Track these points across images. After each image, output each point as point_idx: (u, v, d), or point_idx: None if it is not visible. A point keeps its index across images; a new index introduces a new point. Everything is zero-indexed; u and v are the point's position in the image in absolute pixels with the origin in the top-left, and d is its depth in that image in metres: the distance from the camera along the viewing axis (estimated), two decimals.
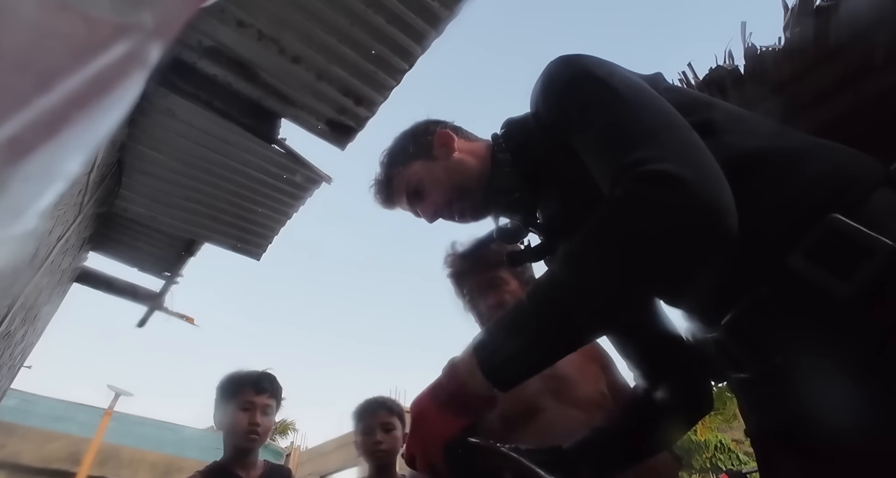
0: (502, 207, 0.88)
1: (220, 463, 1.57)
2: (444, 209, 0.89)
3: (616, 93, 0.64)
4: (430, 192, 0.89)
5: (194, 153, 2.63)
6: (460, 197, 0.87)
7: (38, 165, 0.15)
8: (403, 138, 0.96)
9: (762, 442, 0.64)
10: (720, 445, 12.17)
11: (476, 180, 0.87)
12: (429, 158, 0.90)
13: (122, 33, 0.16)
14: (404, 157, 0.93)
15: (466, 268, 1.32)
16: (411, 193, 0.92)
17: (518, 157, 0.83)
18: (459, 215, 0.89)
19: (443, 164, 0.89)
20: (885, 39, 1.32)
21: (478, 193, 0.86)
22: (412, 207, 0.94)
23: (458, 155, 0.89)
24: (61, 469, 8.86)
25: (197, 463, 1.64)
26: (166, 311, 3.86)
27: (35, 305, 2.91)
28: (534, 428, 1.11)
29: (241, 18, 2.04)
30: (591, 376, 1.21)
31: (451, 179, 0.87)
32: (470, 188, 0.87)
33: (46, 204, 0.16)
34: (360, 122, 2.49)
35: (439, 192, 0.88)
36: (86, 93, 0.16)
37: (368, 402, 1.77)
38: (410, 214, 0.98)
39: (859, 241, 0.48)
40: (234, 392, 1.60)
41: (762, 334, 0.54)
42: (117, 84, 0.17)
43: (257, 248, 3.36)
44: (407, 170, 0.92)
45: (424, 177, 0.89)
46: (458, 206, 0.88)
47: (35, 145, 0.15)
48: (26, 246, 1.57)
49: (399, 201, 0.96)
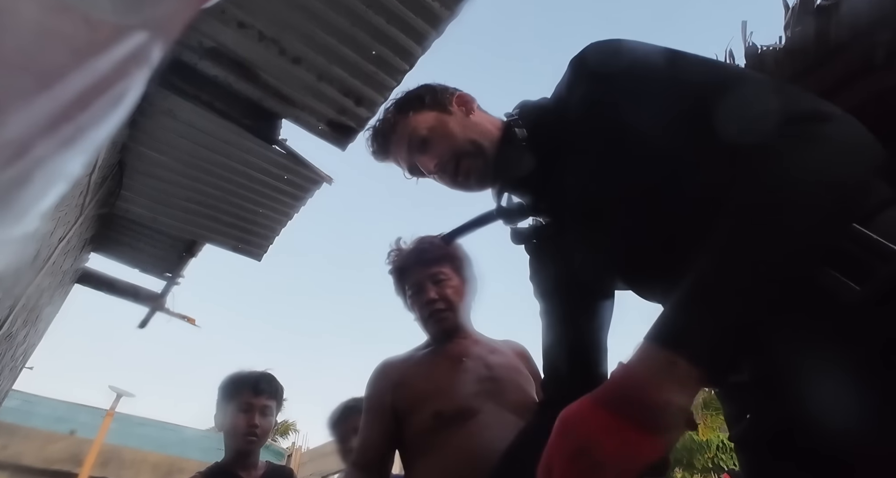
0: (511, 183, 0.82)
1: (221, 464, 1.58)
2: (449, 164, 0.81)
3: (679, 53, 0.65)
4: (437, 143, 0.82)
5: (195, 154, 2.63)
6: (472, 154, 0.80)
7: (39, 167, 0.15)
8: (419, 88, 0.89)
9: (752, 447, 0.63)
10: (722, 445, 12.15)
11: (491, 143, 0.80)
12: (445, 111, 0.84)
13: (124, 35, 0.16)
14: (417, 104, 0.86)
15: (410, 263, 1.31)
16: (415, 142, 0.83)
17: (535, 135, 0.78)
18: (464, 175, 0.81)
19: (459, 119, 0.83)
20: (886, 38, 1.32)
21: (490, 156, 0.80)
22: (409, 158, 0.85)
23: (475, 117, 0.84)
24: (63, 470, 8.86)
25: (199, 464, 1.64)
26: (168, 312, 3.86)
27: (37, 307, 2.91)
28: (468, 429, 1.11)
29: (241, 19, 2.04)
30: (524, 382, 1.21)
31: (466, 134, 0.81)
32: (484, 147, 0.80)
33: (48, 205, 0.16)
34: (360, 122, 2.49)
35: (449, 144, 0.81)
36: (87, 94, 0.16)
37: (339, 408, 1.76)
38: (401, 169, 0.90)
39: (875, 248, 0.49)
40: (233, 394, 1.60)
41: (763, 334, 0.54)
42: (118, 85, 0.17)
43: (258, 248, 3.36)
44: (417, 116, 0.84)
45: (436, 126, 0.82)
46: (467, 163, 0.81)
47: (37, 147, 0.15)
48: (28, 247, 1.57)
49: (396, 151, 0.87)
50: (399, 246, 1.36)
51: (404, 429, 1.19)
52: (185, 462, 9.19)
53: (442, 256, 1.30)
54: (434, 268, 1.28)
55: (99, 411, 10.13)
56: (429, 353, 1.30)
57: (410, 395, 1.20)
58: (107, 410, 9.05)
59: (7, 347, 2.68)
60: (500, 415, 1.11)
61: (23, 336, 2.98)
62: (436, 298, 1.26)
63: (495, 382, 1.18)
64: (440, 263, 1.29)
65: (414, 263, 1.31)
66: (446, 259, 1.30)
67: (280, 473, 1.71)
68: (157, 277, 3.74)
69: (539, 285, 0.90)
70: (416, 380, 1.23)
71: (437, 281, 1.27)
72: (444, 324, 1.27)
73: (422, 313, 1.29)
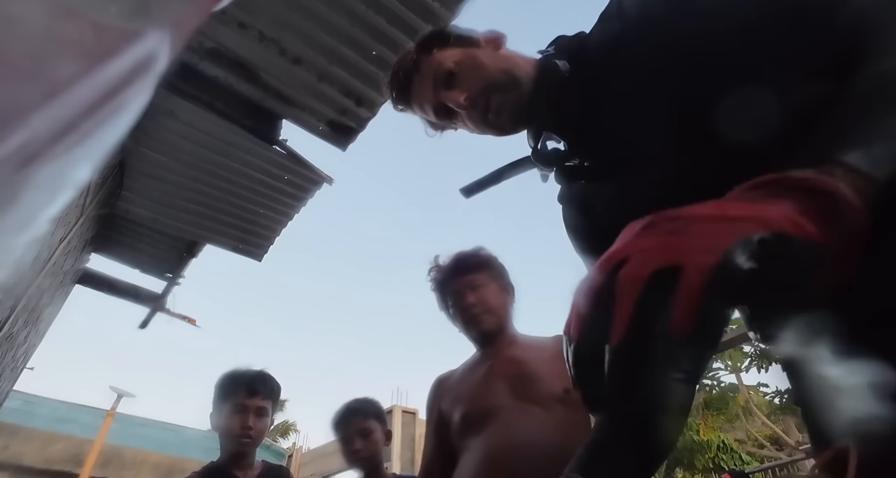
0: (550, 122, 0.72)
1: (217, 464, 1.56)
2: (480, 99, 0.72)
3: None
4: (467, 75, 0.73)
5: (195, 154, 2.63)
6: (505, 87, 0.71)
7: (46, 173, 0.15)
8: (445, 27, 0.81)
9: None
10: (723, 445, 12.15)
11: (526, 76, 0.71)
12: (472, 45, 0.76)
13: (131, 40, 0.16)
14: (441, 41, 0.77)
15: (448, 275, 1.36)
16: (441, 77, 0.74)
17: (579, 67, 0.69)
18: (495, 112, 0.72)
19: (489, 52, 0.75)
20: None
21: (525, 90, 0.71)
22: (435, 97, 0.76)
23: (507, 53, 0.76)
24: (64, 471, 8.87)
25: (199, 464, 1.63)
26: (168, 312, 3.87)
27: (37, 307, 2.92)
28: (494, 427, 1.14)
29: (242, 20, 2.04)
30: (556, 373, 1.22)
31: (499, 65, 0.72)
32: (518, 79, 0.71)
33: (55, 211, 0.16)
34: (361, 122, 2.49)
35: (479, 77, 0.72)
36: (94, 100, 0.16)
37: (343, 410, 1.76)
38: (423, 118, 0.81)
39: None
40: (227, 394, 1.57)
41: None
42: (126, 91, 0.17)
43: (259, 249, 3.36)
44: (442, 52, 0.75)
45: (464, 60, 0.73)
46: (499, 98, 0.71)
47: (44, 153, 0.15)
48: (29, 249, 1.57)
49: (419, 93, 0.78)
50: (437, 263, 1.41)
51: (451, 436, 1.25)
52: (186, 463, 9.19)
53: (478, 265, 1.35)
54: (470, 275, 1.33)
55: (100, 411, 10.14)
56: (469, 361, 1.36)
57: (449, 404, 1.28)
58: (107, 410, 9.05)
59: (8, 347, 2.69)
60: (523, 409, 1.14)
61: (24, 337, 2.99)
62: (474, 302, 1.30)
63: (521, 378, 1.20)
64: (476, 271, 1.34)
65: (451, 274, 1.36)
66: (482, 267, 1.36)
67: (277, 473, 1.70)
68: (157, 277, 3.74)
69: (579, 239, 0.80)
70: (453, 389, 1.30)
71: (475, 287, 1.32)
72: (483, 325, 1.31)
73: (462, 318, 1.33)
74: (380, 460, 1.71)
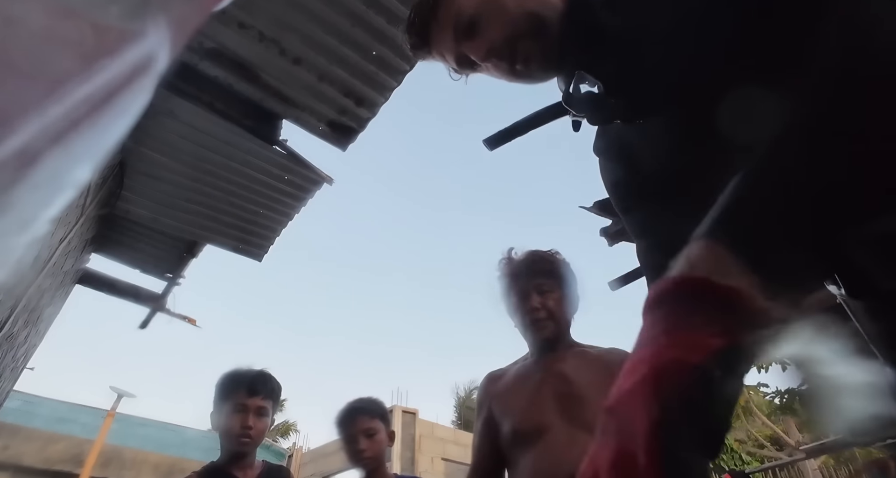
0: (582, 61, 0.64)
1: (217, 463, 1.56)
2: (505, 48, 0.65)
3: None
4: (488, 23, 0.66)
5: (196, 155, 2.63)
6: (531, 33, 0.64)
7: (47, 173, 0.15)
8: None
9: None
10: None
11: (555, 14, 0.64)
12: None
13: (131, 40, 0.16)
14: None
15: (519, 272, 1.38)
16: (462, 25, 0.68)
17: None
18: (523, 61, 0.66)
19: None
20: None
21: (554, 32, 0.64)
22: (456, 47, 0.70)
23: None
24: (64, 471, 8.87)
25: (200, 464, 1.62)
26: (168, 312, 3.87)
27: (38, 307, 2.92)
28: (541, 446, 1.16)
29: (241, 20, 2.04)
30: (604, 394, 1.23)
31: (523, 6, 0.65)
32: (546, 21, 0.64)
33: (55, 211, 0.16)
34: (361, 123, 2.49)
35: (502, 22, 0.65)
36: (94, 101, 0.16)
37: (347, 409, 1.75)
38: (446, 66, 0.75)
39: None
40: (227, 394, 1.57)
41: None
42: (126, 91, 0.17)
43: (259, 249, 3.36)
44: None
45: (484, 3, 0.67)
46: (526, 46, 0.65)
47: (44, 154, 0.15)
48: (30, 249, 1.57)
49: (438, 41, 0.72)
50: (510, 255, 1.43)
51: (501, 441, 1.28)
52: (187, 463, 9.20)
53: (549, 270, 1.36)
54: (540, 279, 1.34)
55: (100, 411, 10.14)
56: (522, 365, 1.37)
57: (499, 409, 1.31)
58: (108, 410, 9.05)
59: (8, 347, 2.69)
60: (570, 433, 1.15)
61: (24, 337, 2.99)
62: (538, 306, 1.31)
63: (572, 399, 1.21)
64: (546, 276, 1.35)
65: (522, 272, 1.37)
66: (553, 273, 1.37)
67: (277, 473, 1.69)
68: (157, 277, 3.74)
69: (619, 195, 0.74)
70: (505, 394, 1.32)
71: (542, 291, 1.33)
72: (544, 332, 1.32)
73: (523, 320, 1.35)
74: (382, 461, 1.71)
